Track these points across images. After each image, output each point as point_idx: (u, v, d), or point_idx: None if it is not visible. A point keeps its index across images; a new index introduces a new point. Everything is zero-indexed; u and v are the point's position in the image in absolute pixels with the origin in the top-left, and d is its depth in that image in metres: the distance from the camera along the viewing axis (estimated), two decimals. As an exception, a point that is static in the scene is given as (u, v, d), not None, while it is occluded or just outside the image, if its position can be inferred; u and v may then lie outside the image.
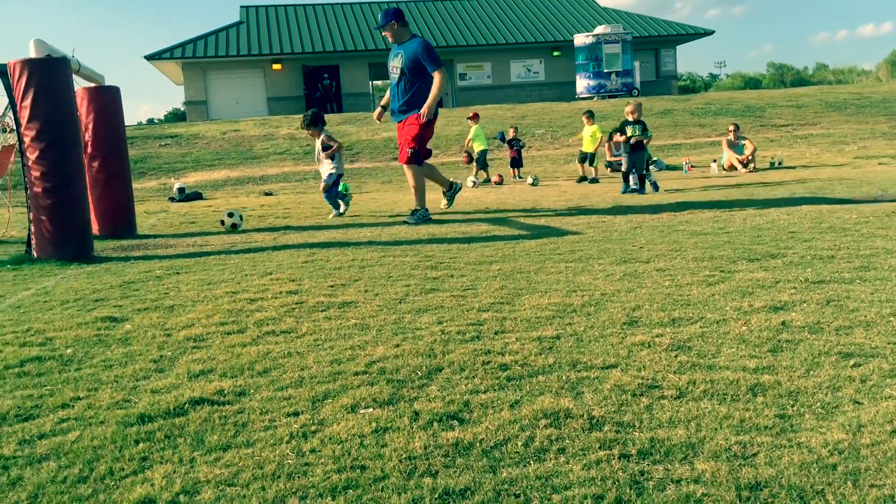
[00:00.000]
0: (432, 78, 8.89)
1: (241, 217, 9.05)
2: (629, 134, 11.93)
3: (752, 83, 57.57)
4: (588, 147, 15.95)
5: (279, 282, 5.41)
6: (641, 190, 11.55)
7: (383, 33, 9.22)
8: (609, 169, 17.51)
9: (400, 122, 9.30)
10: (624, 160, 12.04)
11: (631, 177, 11.74)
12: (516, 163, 17.88)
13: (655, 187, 11.70)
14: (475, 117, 17.80)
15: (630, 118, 12.04)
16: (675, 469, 2.22)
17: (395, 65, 9.15)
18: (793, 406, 2.65)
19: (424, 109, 8.89)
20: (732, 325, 3.71)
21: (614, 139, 15.40)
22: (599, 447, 2.38)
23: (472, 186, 15.42)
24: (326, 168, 10.28)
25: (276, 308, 4.54)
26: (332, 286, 5.16)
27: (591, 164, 16.03)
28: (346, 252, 6.75)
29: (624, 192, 11.57)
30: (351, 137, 23.89)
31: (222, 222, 9.10)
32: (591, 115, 16.33)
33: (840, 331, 3.52)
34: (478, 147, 17.13)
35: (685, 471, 2.20)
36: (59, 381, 3.31)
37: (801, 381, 2.88)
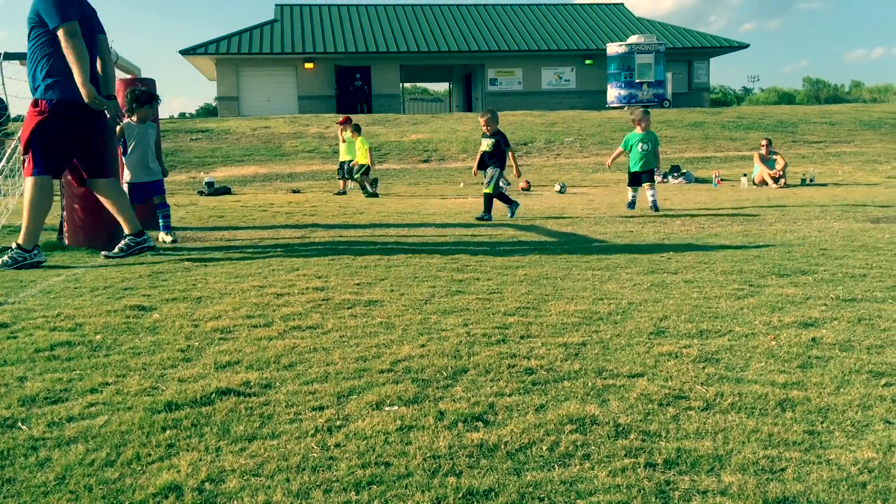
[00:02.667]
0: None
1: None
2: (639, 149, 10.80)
3: (786, 98, 57.06)
4: (362, 159, 15.20)
5: (306, 278, 5.43)
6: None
7: None
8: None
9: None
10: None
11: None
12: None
13: (654, 207, 10.46)
14: (350, 125, 16.08)
15: (638, 130, 10.94)
16: (701, 480, 2.20)
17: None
18: (822, 423, 2.62)
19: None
20: (761, 339, 3.67)
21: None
22: (625, 455, 2.36)
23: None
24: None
25: (303, 304, 4.57)
26: (358, 284, 5.18)
27: (353, 178, 15.29)
28: (372, 251, 6.77)
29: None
30: (380, 139, 23.98)
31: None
32: (357, 128, 15.69)
33: (871, 349, 3.47)
34: (362, 159, 15.41)
35: (711, 482, 2.18)
36: (87, 367, 3.34)
37: (831, 399, 2.85)
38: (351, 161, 15.74)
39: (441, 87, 59.92)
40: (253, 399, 2.90)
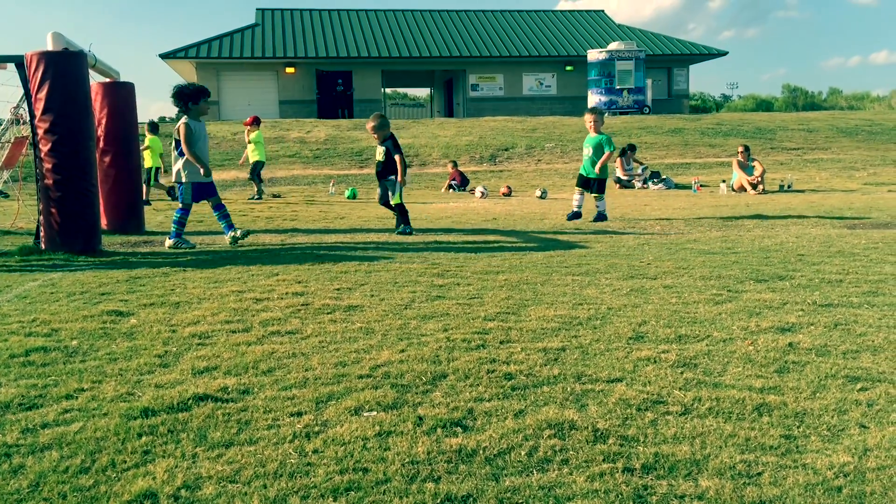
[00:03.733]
0: None
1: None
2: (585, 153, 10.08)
3: (765, 105, 57.52)
4: (151, 161, 14.58)
5: (285, 283, 5.41)
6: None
7: None
8: (618, 185, 17.52)
9: None
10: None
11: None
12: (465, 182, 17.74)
13: (601, 216, 9.86)
14: (255, 122, 16.01)
15: (591, 133, 10.12)
16: (678, 485, 2.20)
17: None
18: (799, 427, 2.64)
19: None
20: (739, 344, 3.69)
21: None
22: (603, 460, 2.37)
23: (482, 197, 15.39)
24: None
25: (282, 309, 4.54)
26: (338, 289, 5.16)
27: (150, 185, 14.48)
28: (352, 256, 6.75)
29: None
30: (361, 143, 23.93)
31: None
32: (153, 127, 15.21)
33: (847, 354, 3.50)
34: (254, 157, 15.59)
35: (689, 487, 2.19)
36: (63, 372, 3.31)
37: (808, 403, 2.87)
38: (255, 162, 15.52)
39: (422, 93, 59.97)
40: (230, 405, 2.88)
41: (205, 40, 37.19)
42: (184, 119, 7.51)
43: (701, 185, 16.59)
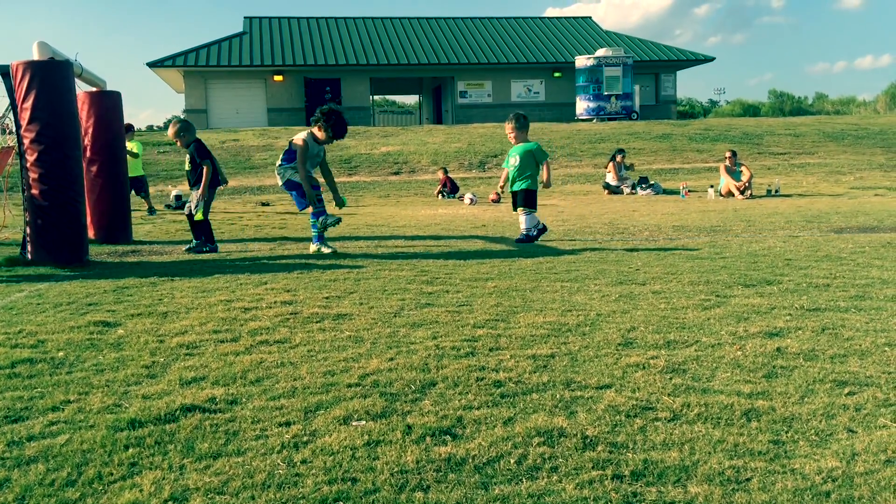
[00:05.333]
0: None
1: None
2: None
3: (752, 110, 57.81)
4: (140, 170, 13.57)
5: (274, 291, 5.39)
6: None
7: None
8: (607, 191, 17.56)
9: None
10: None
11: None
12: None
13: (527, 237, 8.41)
14: (128, 130, 12.50)
15: (512, 141, 8.82)
16: (668, 491, 2.20)
17: None
18: (787, 432, 2.64)
19: None
20: (727, 349, 3.70)
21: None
22: (592, 467, 2.37)
23: (470, 204, 15.40)
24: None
25: (271, 318, 4.53)
26: (326, 298, 5.15)
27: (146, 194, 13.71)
28: (341, 264, 6.74)
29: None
30: (350, 151, 23.92)
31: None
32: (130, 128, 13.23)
33: (835, 359, 3.51)
34: (133, 172, 12.26)
35: (678, 493, 2.19)
36: (49, 384, 3.28)
37: (796, 408, 2.88)
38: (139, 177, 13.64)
39: (411, 100, 60.01)
40: (218, 415, 2.86)
41: (192, 49, 37.13)
42: (303, 136, 7.44)
43: (689, 191, 16.66)
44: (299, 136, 7.54)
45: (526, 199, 8.40)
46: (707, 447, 2.51)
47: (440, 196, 17.67)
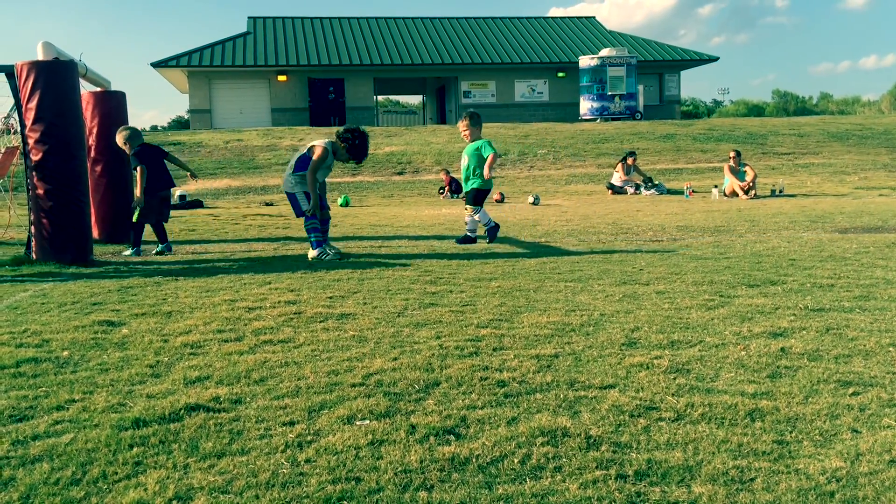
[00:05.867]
0: None
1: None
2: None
3: (756, 110, 57.75)
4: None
5: (278, 291, 5.40)
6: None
7: None
8: (610, 191, 17.55)
9: None
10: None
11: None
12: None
13: (468, 238, 8.35)
14: None
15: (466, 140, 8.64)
16: (671, 491, 2.20)
17: None
18: (791, 432, 2.64)
19: None
20: (731, 349, 3.70)
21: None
22: (596, 467, 2.37)
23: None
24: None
25: (275, 317, 4.53)
26: (330, 297, 5.15)
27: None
28: (345, 264, 6.74)
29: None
30: (353, 151, 23.91)
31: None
32: None
33: (839, 359, 3.51)
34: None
35: (682, 493, 2.19)
36: (54, 383, 3.29)
37: (800, 408, 2.87)
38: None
39: (415, 100, 60.03)
40: (222, 415, 2.87)
41: (196, 49, 37.16)
42: (324, 143, 7.27)
43: (693, 191, 16.64)
44: (320, 143, 7.30)
45: (475, 198, 8.32)
46: (711, 447, 2.51)
47: (441, 195, 17.67)
